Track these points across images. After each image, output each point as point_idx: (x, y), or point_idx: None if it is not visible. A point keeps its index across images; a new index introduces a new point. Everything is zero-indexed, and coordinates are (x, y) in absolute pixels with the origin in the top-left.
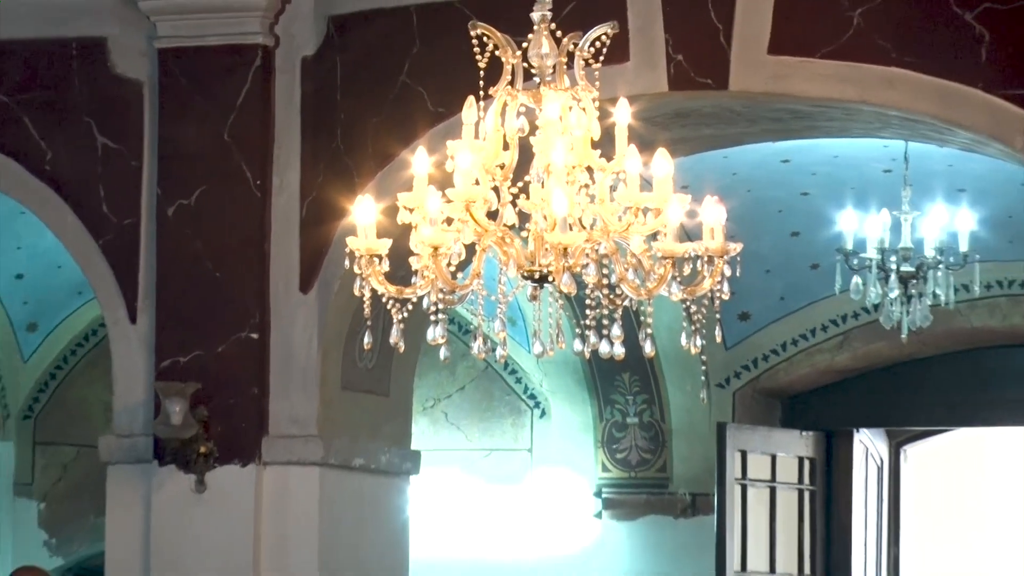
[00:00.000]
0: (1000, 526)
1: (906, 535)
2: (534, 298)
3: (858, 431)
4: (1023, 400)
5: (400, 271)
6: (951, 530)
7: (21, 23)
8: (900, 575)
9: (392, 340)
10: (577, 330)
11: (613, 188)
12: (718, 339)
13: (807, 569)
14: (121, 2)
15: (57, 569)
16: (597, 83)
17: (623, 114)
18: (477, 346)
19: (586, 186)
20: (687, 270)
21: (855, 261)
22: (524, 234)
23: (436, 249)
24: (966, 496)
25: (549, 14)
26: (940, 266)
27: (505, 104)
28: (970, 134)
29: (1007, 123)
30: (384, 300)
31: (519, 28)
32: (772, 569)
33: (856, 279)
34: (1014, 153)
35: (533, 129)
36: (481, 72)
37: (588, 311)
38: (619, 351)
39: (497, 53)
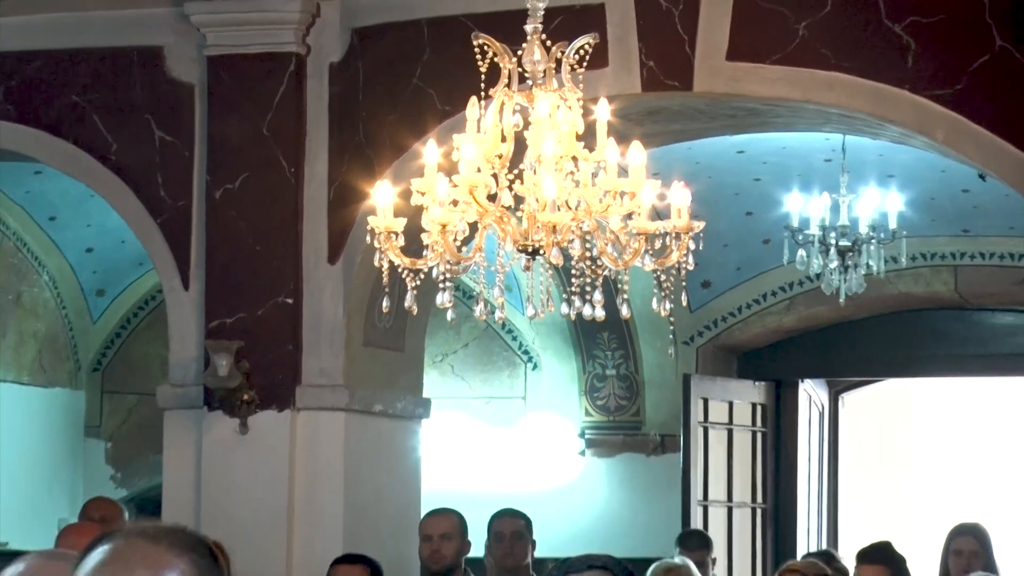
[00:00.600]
0: (923, 462)
1: (843, 471)
2: (527, 268)
3: (803, 381)
4: (942, 355)
5: (413, 245)
6: (882, 466)
7: (90, 34)
8: (838, 505)
9: (406, 304)
10: (564, 296)
11: (595, 175)
12: (684, 303)
13: (759, 499)
14: (175, 16)
15: (122, 499)
16: (581, 85)
17: (603, 112)
18: (479, 309)
19: (572, 173)
20: (658, 245)
21: (800, 237)
22: (519, 214)
23: (444, 227)
24: (894, 436)
25: (540, 26)
26: (872, 241)
27: (503, 103)
28: (898, 128)
29: (930, 119)
30: (399, 270)
31: (514, 38)
32: (730, 499)
33: (801, 252)
34: (935, 145)
35: (526, 124)
36: (482, 76)
37: (573, 279)
38: (600, 313)
39: (496, 60)
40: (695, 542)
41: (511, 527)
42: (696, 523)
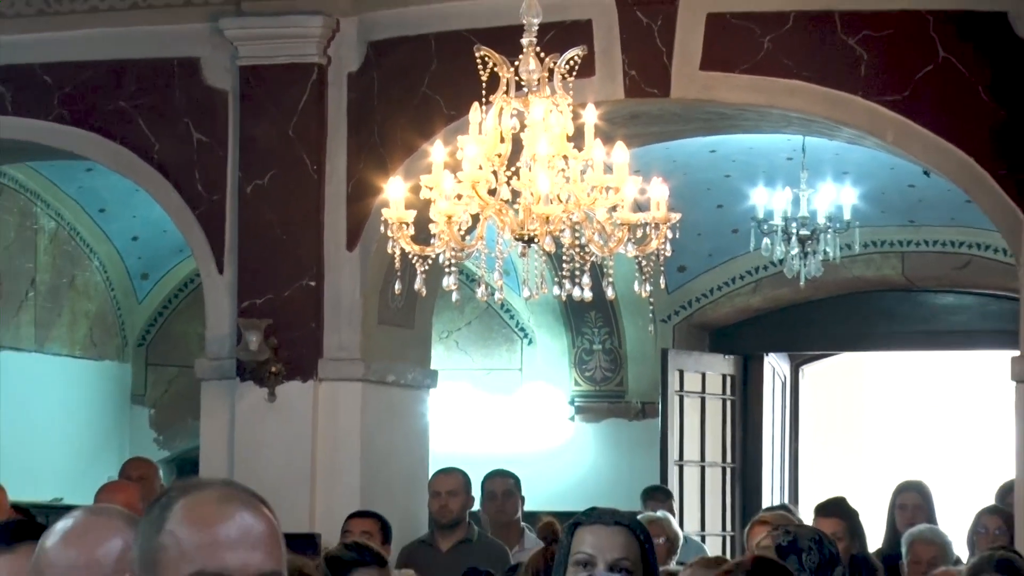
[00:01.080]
0: (873, 427)
1: (803, 434)
2: (523, 255)
3: (767, 355)
4: (890, 332)
5: (422, 234)
6: (836, 431)
7: (135, 47)
8: (798, 465)
9: (416, 286)
10: (556, 279)
11: (583, 172)
12: (662, 286)
13: (728, 459)
14: (211, 30)
15: (164, 460)
16: (571, 92)
17: (590, 116)
18: (480, 291)
19: (563, 170)
20: (639, 234)
21: (765, 227)
22: (516, 207)
23: (450, 218)
24: (848, 404)
25: (535, 40)
26: (829, 230)
27: (501, 108)
28: (852, 130)
29: (880, 122)
30: (410, 256)
31: (512, 51)
32: (702, 459)
33: (766, 240)
34: (885, 145)
35: (522, 127)
36: (483, 84)
37: (564, 264)
38: (587, 295)
39: (495, 69)
40: (661, 495)
41: (502, 486)
42: (672, 481)
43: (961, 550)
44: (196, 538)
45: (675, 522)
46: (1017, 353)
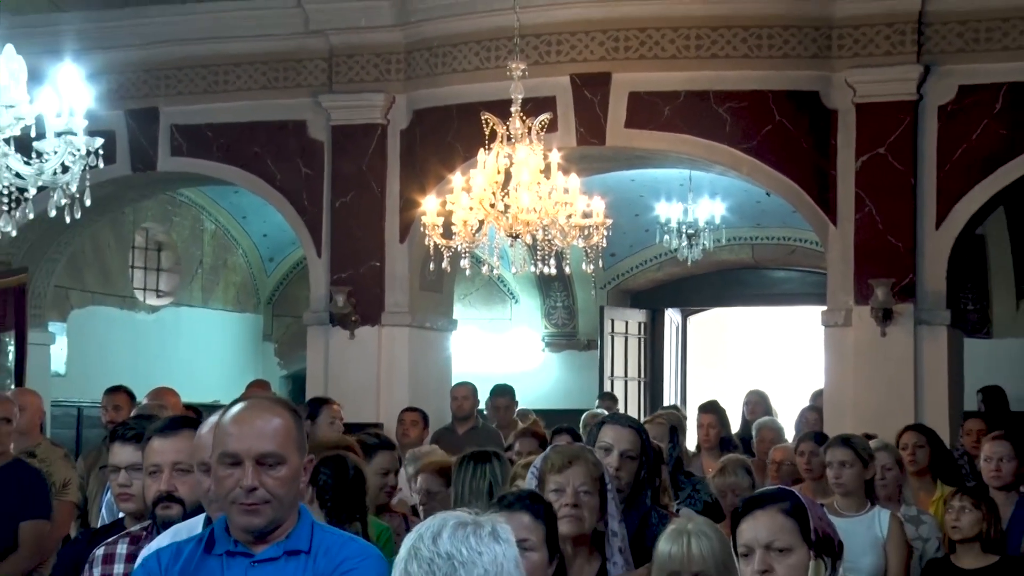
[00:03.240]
0: (733, 357)
1: (689, 361)
2: (512, 245)
3: (667, 309)
4: (744, 294)
5: (447, 232)
6: (710, 357)
7: (266, 113)
8: (687, 381)
9: (443, 266)
10: (532, 261)
11: (550, 192)
12: (600, 265)
13: (641, 375)
14: (314, 102)
15: (283, 376)
16: (542, 142)
17: (555, 156)
18: (485, 268)
19: (538, 192)
20: (586, 232)
21: (665, 228)
22: (507, 215)
23: (465, 222)
24: (717, 340)
25: (519, 108)
26: (706, 230)
27: (498, 152)
28: (721, 166)
29: (738, 161)
30: (439, 247)
31: (504, 115)
32: (625, 375)
33: (666, 236)
34: (741, 176)
35: (511, 164)
36: (486, 137)
37: (538, 251)
38: (553, 271)
39: (494, 127)
40: (610, 398)
41: (504, 398)
42: (606, 389)
43: (790, 434)
44: (225, 430)
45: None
46: (825, 308)
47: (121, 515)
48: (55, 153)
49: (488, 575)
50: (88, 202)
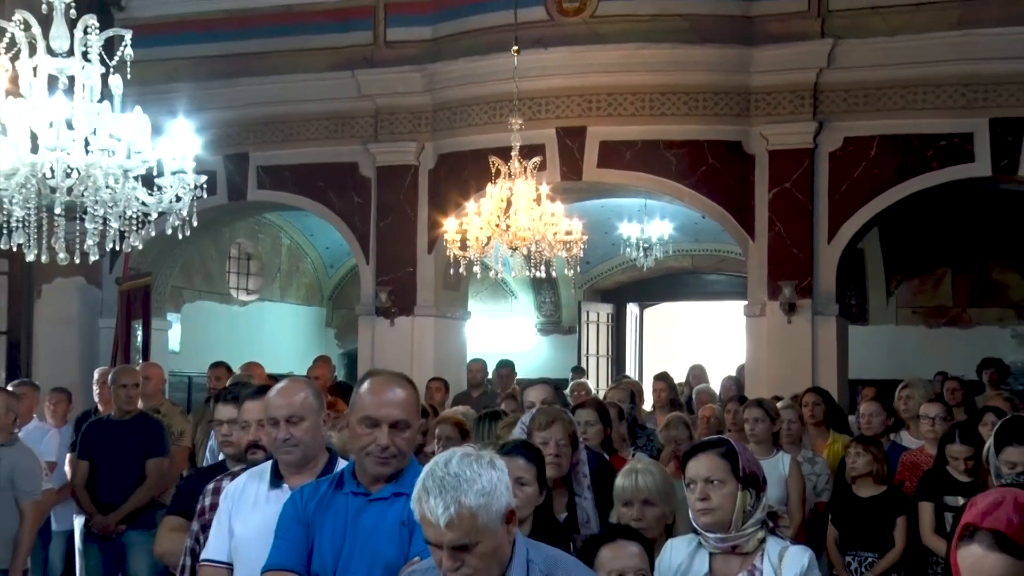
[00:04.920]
0: (679, 337)
1: (645, 343)
2: (511, 256)
3: (629, 303)
4: (687, 292)
5: (464, 245)
6: (662, 339)
7: (327, 156)
8: (644, 358)
9: (460, 271)
10: (527, 267)
11: (540, 215)
12: (578, 270)
13: (610, 353)
14: (364, 148)
15: (340, 353)
16: (535, 178)
17: (544, 189)
18: (491, 272)
19: (531, 215)
20: (568, 246)
21: (628, 242)
22: (508, 232)
23: (476, 238)
24: (667, 327)
25: (517, 153)
26: (657, 244)
27: (501, 186)
28: (668, 197)
29: (682, 194)
30: (458, 257)
31: (507, 158)
32: (598, 354)
33: (628, 249)
34: (685, 204)
35: (512, 194)
36: (492, 174)
37: (531, 260)
38: (543, 275)
39: (499, 167)
40: (579, 371)
41: (506, 369)
42: (583, 364)
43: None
44: (364, 399)
45: (590, 384)
46: (746, 303)
47: (222, 458)
48: (171, 187)
49: (485, 491)
50: (195, 223)
